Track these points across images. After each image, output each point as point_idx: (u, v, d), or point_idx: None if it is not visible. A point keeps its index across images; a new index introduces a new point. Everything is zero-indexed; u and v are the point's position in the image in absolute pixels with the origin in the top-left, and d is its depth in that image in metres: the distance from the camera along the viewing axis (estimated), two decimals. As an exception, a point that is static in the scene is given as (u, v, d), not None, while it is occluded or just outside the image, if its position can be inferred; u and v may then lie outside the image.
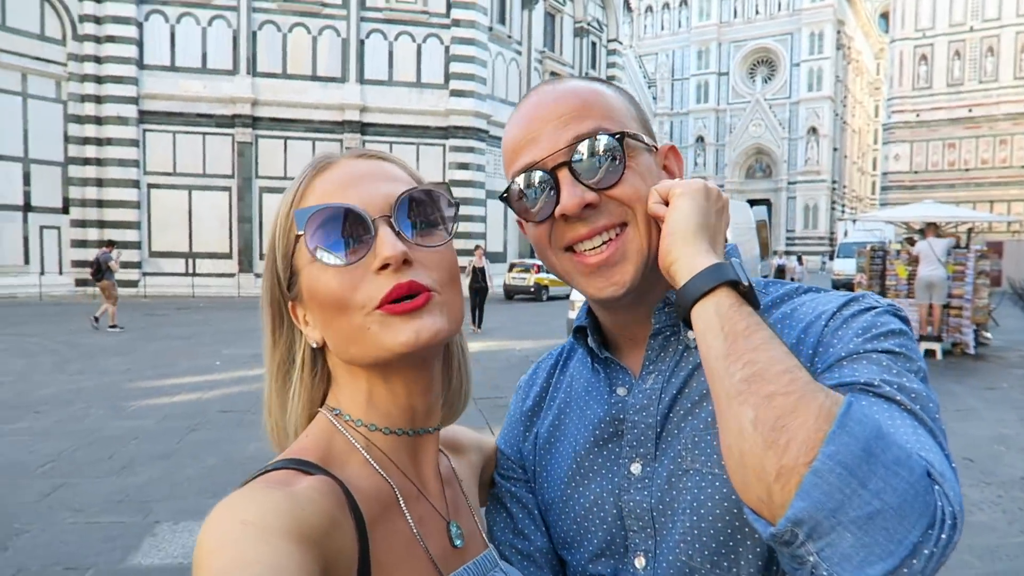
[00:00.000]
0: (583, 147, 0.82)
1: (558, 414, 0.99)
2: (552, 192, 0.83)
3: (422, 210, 0.78)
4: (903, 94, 54.09)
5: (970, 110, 51.61)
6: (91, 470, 5.67)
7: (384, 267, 0.72)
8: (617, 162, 0.83)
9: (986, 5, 51.41)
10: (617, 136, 0.83)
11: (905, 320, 0.80)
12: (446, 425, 0.94)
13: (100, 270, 15.58)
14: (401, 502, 0.76)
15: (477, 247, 17.07)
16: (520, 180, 0.85)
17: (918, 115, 53.36)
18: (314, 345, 0.79)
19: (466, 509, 0.89)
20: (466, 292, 14.33)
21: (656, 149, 0.92)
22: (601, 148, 0.82)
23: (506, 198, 0.88)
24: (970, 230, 15.20)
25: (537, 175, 0.84)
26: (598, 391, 0.95)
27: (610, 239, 0.84)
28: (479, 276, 15.95)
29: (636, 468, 0.86)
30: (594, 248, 0.84)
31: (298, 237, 0.75)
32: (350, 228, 0.73)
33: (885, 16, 66.44)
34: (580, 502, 0.90)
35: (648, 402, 0.87)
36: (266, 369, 0.84)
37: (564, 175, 0.83)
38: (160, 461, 5.91)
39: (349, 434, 0.78)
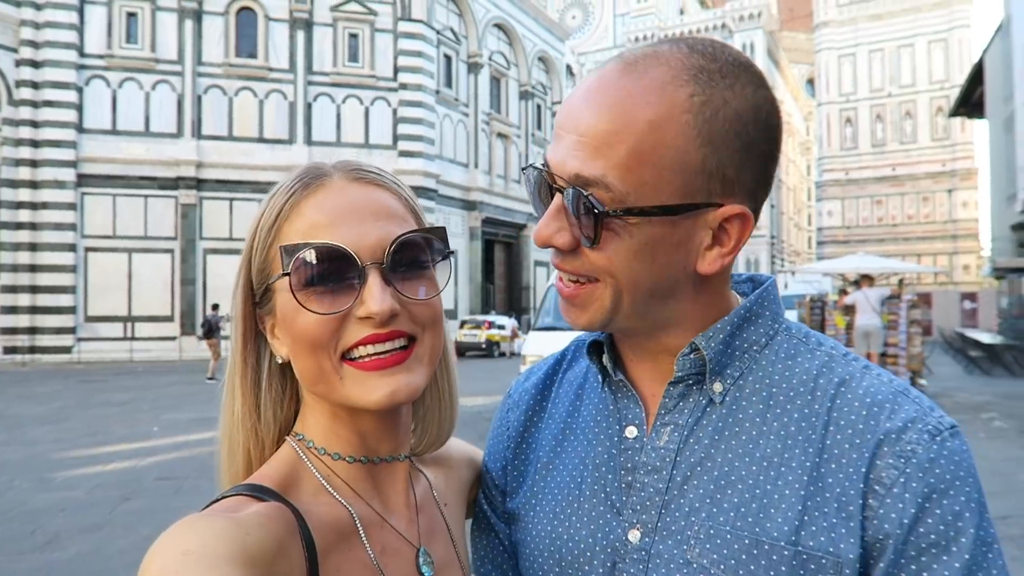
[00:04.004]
0: (571, 195, 0.70)
1: (560, 437, 0.88)
2: (546, 204, 0.74)
3: (415, 254, 0.75)
4: (832, 154, 57.04)
5: (893, 169, 54.70)
6: (12, 547, 5.29)
7: (367, 318, 0.70)
8: (595, 229, 0.69)
9: (902, 72, 55.15)
10: (609, 212, 0.68)
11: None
12: (429, 451, 0.90)
13: (211, 329, 17.56)
14: (360, 531, 0.74)
15: None
16: (534, 174, 0.76)
17: (847, 174, 56.23)
18: (280, 360, 0.77)
19: (443, 535, 0.84)
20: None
21: (710, 206, 0.70)
22: (583, 209, 0.69)
23: (528, 168, 0.78)
24: (901, 281, 15.90)
25: (543, 181, 0.74)
26: (608, 423, 0.83)
27: (579, 282, 0.74)
28: None
29: (634, 536, 0.75)
30: (563, 281, 0.76)
31: (285, 274, 0.71)
32: (338, 271, 0.70)
33: (811, 82, 70.47)
34: (569, 547, 0.81)
35: (661, 464, 0.76)
36: (234, 387, 0.79)
37: (555, 202, 0.72)
38: (89, 534, 5.56)
39: (310, 461, 0.76)
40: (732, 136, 0.69)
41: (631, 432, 0.79)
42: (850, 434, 0.70)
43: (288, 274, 0.70)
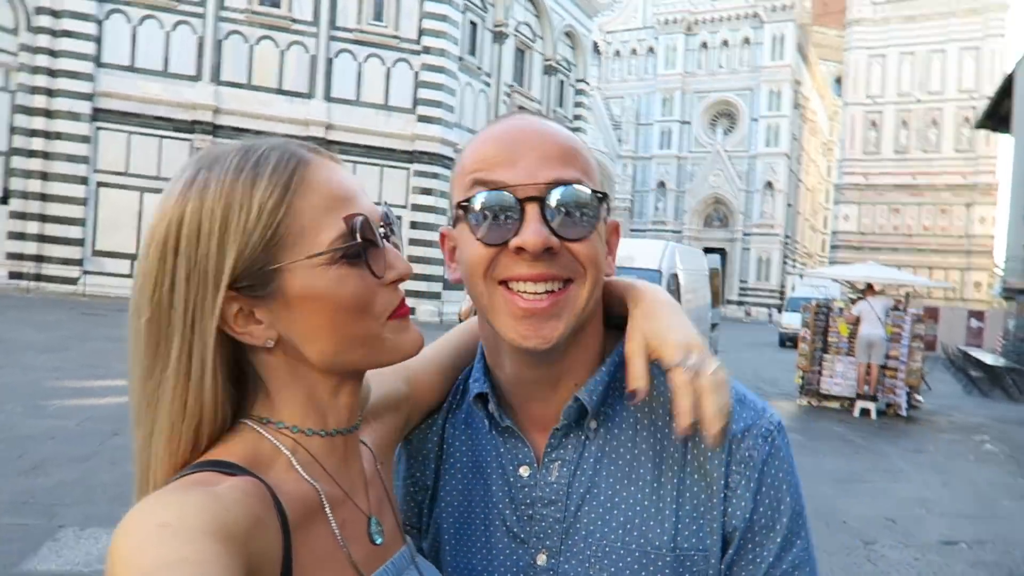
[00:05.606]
0: (560, 192, 0.78)
1: (466, 483, 0.94)
2: (513, 222, 0.77)
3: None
4: (854, 157, 56.41)
5: (914, 178, 54.11)
6: (-2, 469, 5.35)
7: (397, 281, 0.75)
8: (589, 219, 0.80)
9: (931, 78, 54.28)
10: (599, 195, 0.81)
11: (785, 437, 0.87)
12: (364, 409, 0.87)
13: None
14: (326, 507, 0.73)
15: None
16: (484, 197, 0.78)
17: (867, 178, 55.65)
18: (270, 344, 0.71)
19: (387, 502, 0.86)
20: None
21: (606, 220, 0.87)
22: (578, 200, 0.79)
23: (465, 207, 0.80)
24: (908, 294, 15.77)
25: (506, 197, 0.77)
26: (499, 464, 0.91)
27: (553, 291, 0.79)
28: None
29: (542, 559, 0.86)
30: (535, 294, 0.78)
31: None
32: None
33: (839, 81, 69.51)
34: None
35: (556, 497, 0.86)
36: (164, 379, 0.72)
37: (533, 210, 0.77)
38: (75, 464, 5.62)
39: (276, 440, 0.73)
40: (604, 171, 0.91)
41: (524, 471, 0.89)
42: (703, 447, 0.84)
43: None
